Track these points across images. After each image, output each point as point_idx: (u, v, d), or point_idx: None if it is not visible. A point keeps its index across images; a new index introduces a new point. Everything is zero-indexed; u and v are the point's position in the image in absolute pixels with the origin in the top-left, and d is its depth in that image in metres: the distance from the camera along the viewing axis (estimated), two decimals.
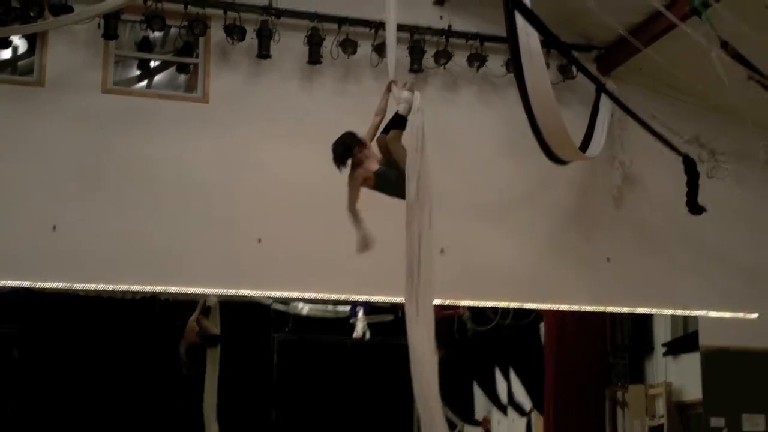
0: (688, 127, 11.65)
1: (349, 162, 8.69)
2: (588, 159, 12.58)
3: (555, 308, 14.58)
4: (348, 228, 12.13)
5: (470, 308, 17.67)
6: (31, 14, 11.42)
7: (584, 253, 13.18)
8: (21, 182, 11.46)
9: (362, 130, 8.62)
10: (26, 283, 12.07)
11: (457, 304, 16.79)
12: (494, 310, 17.26)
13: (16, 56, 12.32)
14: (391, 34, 8.42)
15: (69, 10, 11.44)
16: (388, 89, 8.84)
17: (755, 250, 13.59)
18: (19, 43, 12.19)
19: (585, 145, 12.53)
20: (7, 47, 11.94)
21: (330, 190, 12.09)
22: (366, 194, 8.82)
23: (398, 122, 8.34)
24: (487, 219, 12.84)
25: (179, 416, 17.82)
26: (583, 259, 13.14)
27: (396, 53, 8.59)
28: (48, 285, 12.01)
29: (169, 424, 18.02)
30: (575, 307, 13.80)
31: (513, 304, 14.97)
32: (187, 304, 17.01)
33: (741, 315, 13.45)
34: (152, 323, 17.87)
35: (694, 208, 11.47)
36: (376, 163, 8.55)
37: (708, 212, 11.50)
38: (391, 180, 8.22)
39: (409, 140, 8.08)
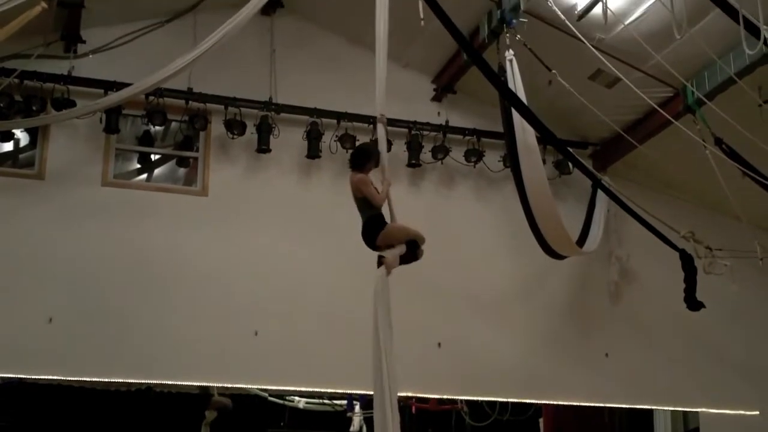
0: (683, 222, 11.70)
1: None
2: (585, 254, 12.62)
3: (553, 404, 14.45)
4: (344, 322, 12.18)
5: (468, 403, 17.51)
6: (34, 108, 11.57)
7: (582, 348, 13.12)
8: (18, 274, 11.45)
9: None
10: (21, 375, 11.99)
11: (455, 399, 16.68)
12: (492, 404, 17.08)
13: (17, 149, 12.40)
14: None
15: (71, 104, 11.60)
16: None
17: (755, 346, 13.53)
18: (21, 136, 12.28)
19: (582, 240, 12.59)
20: (9, 140, 12.01)
21: (327, 285, 12.22)
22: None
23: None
24: (484, 313, 12.82)
25: None
26: (581, 355, 13.07)
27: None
28: (43, 377, 11.93)
29: None
30: (574, 403, 13.68)
31: (511, 399, 14.86)
32: (182, 396, 16.84)
33: (742, 412, 13.33)
34: (147, 415, 17.66)
35: (693, 303, 11.45)
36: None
37: (706, 308, 11.47)
38: (367, 203, 8.29)
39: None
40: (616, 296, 13.51)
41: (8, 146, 12.25)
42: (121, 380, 13.42)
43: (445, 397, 14.03)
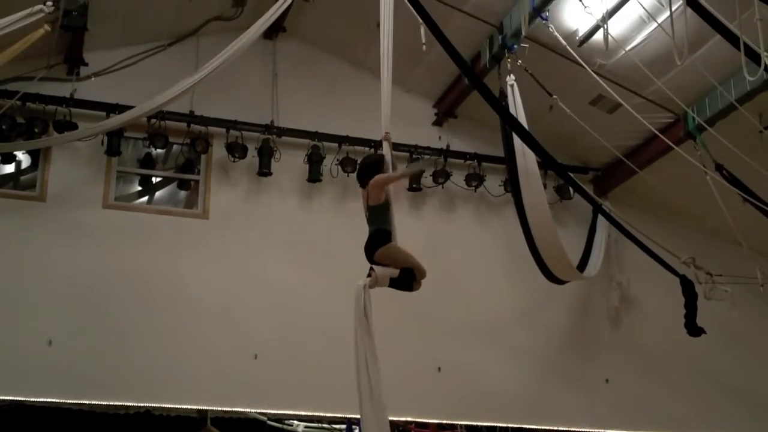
0: (684, 248, 11.69)
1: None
2: (585, 279, 12.62)
3: (553, 429, 14.37)
4: (344, 346, 12.13)
5: (468, 428, 17.42)
6: (36, 130, 11.59)
7: (582, 374, 13.09)
8: (18, 296, 11.43)
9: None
10: (21, 398, 11.93)
11: (454, 424, 16.59)
12: (492, 430, 16.98)
13: (19, 171, 12.43)
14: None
15: (73, 127, 11.62)
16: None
17: (755, 372, 13.47)
18: (23, 158, 12.31)
19: (582, 265, 12.59)
20: (11, 162, 12.02)
21: (327, 308, 12.16)
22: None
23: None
24: (484, 338, 12.79)
25: None
26: (581, 380, 13.04)
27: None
28: (42, 400, 11.88)
29: None
30: (574, 429, 13.60)
31: (511, 425, 14.78)
32: (180, 420, 16.75)
33: None
34: None
35: (693, 329, 11.42)
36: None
37: (707, 334, 11.44)
38: (380, 215, 8.06)
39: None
40: (616, 322, 13.49)
41: (10, 168, 12.30)
42: (120, 403, 13.34)
43: (444, 422, 13.93)
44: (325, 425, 18.87)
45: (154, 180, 13.08)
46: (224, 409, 13.60)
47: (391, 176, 8.09)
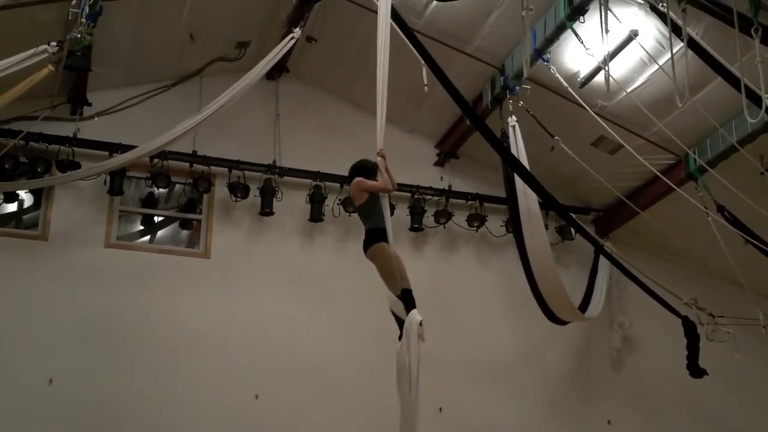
0: (686, 289, 11.66)
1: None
2: (587, 319, 12.60)
3: None
4: (345, 385, 12.10)
5: None
6: (39, 170, 11.61)
7: (584, 415, 13.02)
8: (19, 334, 11.39)
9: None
10: None
11: None
12: None
13: (21, 210, 12.42)
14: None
15: (76, 166, 11.65)
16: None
17: (757, 414, 13.41)
18: (26, 197, 12.30)
19: (584, 306, 12.57)
20: (14, 201, 12.02)
21: (328, 348, 12.17)
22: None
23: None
24: (486, 379, 12.75)
25: None
26: (583, 422, 12.96)
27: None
28: None
29: None
30: None
31: None
32: None
33: None
34: None
35: (695, 371, 11.36)
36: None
37: (709, 375, 11.38)
38: (368, 212, 8.00)
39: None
40: (618, 363, 13.48)
41: (12, 207, 12.27)
42: None
43: None
44: None
45: (156, 219, 13.08)
46: None
47: (369, 185, 8.06)
